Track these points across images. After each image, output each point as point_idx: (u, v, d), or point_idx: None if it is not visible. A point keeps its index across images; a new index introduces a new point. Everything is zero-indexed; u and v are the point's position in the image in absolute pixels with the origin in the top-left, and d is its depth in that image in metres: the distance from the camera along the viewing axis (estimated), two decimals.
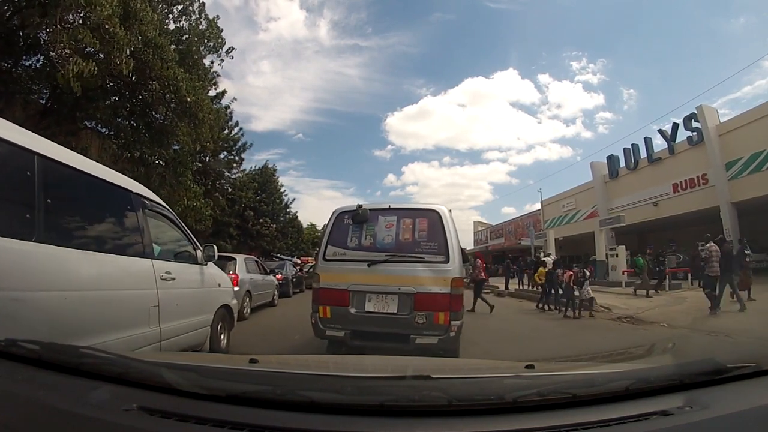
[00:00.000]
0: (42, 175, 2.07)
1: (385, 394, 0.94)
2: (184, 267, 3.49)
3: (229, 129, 19.76)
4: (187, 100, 9.03)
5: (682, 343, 4.69)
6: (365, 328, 3.78)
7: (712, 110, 16.42)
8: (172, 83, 8.70)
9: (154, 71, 8.47)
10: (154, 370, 1.08)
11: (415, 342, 3.63)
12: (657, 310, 8.65)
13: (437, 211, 3.97)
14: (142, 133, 9.79)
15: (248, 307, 8.02)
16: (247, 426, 0.82)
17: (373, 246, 3.96)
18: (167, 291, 3.00)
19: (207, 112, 9.79)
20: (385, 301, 3.80)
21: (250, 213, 24.32)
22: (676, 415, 0.87)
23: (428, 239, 3.87)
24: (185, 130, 9.65)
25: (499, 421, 0.86)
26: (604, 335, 6.57)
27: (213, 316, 3.91)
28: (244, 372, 1.24)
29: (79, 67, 6.33)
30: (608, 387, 0.97)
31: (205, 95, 10.30)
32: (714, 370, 1.02)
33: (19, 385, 0.99)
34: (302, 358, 2.81)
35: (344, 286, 3.88)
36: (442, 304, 3.67)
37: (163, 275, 2.99)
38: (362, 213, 4.03)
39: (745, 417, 0.89)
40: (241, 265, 8.15)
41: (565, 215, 26.45)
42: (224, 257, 7.91)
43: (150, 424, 0.85)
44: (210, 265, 3.99)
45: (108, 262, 2.50)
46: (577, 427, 0.83)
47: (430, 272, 3.75)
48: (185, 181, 10.77)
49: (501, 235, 36.84)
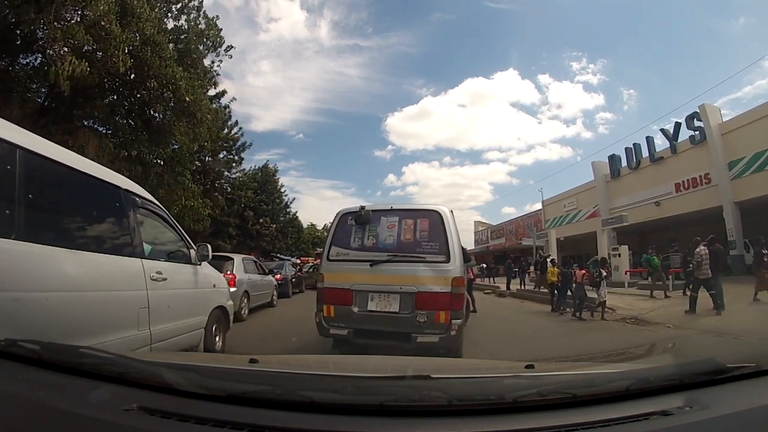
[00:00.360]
0: (24, 168, 2.00)
1: (385, 394, 0.94)
2: (176, 267, 3.40)
3: (228, 129, 19.77)
4: (185, 99, 8.99)
5: (682, 343, 4.68)
6: (368, 326, 3.87)
7: (714, 109, 16.46)
8: (170, 82, 8.66)
9: (153, 69, 8.43)
10: (154, 370, 1.09)
11: (417, 340, 3.69)
12: (662, 310, 8.56)
13: (438, 211, 4.04)
14: (140, 131, 9.76)
15: (246, 308, 7.95)
16: (247, 426, 0.83)
17: (375, 246, 4.05)
18: (158, 292, 2.91)
19: (205, 112, 9.76)
20: (387, 300, 3.87)
21: (250, 213, 24.32)
22: (676, 415, 0.88)
23: (429, 239, 3.94)
24: (183, 130, 9.61)
25: (499, 421, 0.86)
26: (620, 337, 6.35)
27: (207, 317, 3.82)
28: (244, 372, 1.25)
29: (72, 66, 6.28)
30: (608, 387, 0.98)
31: (203, 95, 10.27)
32: (714, 370, 1.03)
33: (19, 385, 1.00)
34: (302, 358, 2.81)
35: (347, 285, 3.97)
36: (443, 303, 3.73)
37: (154, 275, 2.90)
38: (365, 214, 4.12)
39: (745, 417, 0.89)
40: (238, 265, 8.11)
41: (566, 215, 26.54)
42: (221, 257, 7.85)
43: (150, 424, 0.86)
44: (204, 265, 3.91)
45: (94, 262, 2.41)
46: (577, 427, 0.84)
47: (431, 272, 3.81)
48: (183, 181, 10.74)
49: (502, 235, 36.94)
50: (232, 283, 7.03)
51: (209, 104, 10.66)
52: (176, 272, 3.34)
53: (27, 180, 2.02)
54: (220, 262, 7.31)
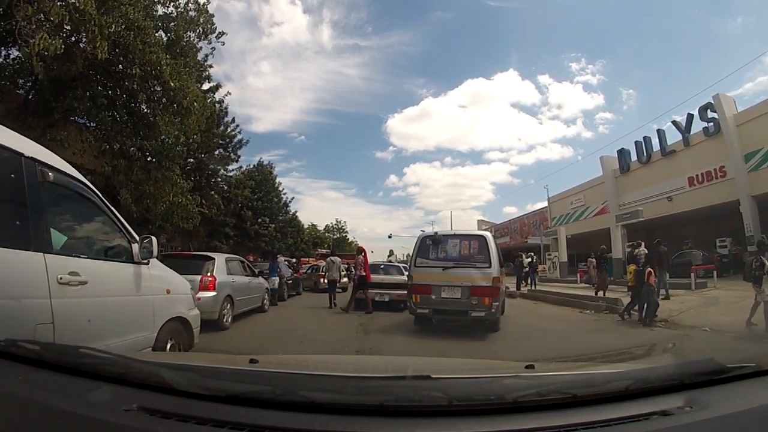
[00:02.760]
0: None
1: (385, 395, 0.98)
2: (106, 267, 2.79)
3: (225, 126, 19.70)
4: (170, 86, 8.80)
5: (682, 343, 4.65)
6: (441, 307, 6.48)
7: (729, 99, 16.32)
8: (155, 69, 8.46)
9: (136, 55, 8.25)
10: (154, 370, 1.13)
11: (471, 315, 6.20)
12: (692, 311, 8.12)
13: (483, 235, 6.90)
14: (125, 124, 9.60)
15: (229, 315, 7.27)
16: (247, 426, 0.86)
17: (445, 257, 6.63)
18: (71, 300, 2.27)
19: (192, 100, 9.54)
20: (453, 291, 6.39)
21: (248, 213, 24.29)
22: (676, 415, 0.91)
23: (478, 253, 6.49)
24: (168, 119, 9.42)
25: (499, 421, 0.90)
26: None
27: (157, 332, 3.14)
28: (244, 372, 1.29)
29: (44, 44, 6.04)
30: (608, 387, 1.02)
31: (191, 82, 10.04)
32: (714, 370, 1.06)
33: (19, 385, 1.03)
34: (302, 358, 2.84)
35: (428, 282, 6.54)
36: (487, 292, 6.18)
37: (65, 277, 2.25)
38: (438, 237, 6.83)
39: (745, 417, 0.93)
40: (220, 266, 7.41)
41: (573, 212, 26.41)
42: (200, 257, 7.51)
43: (150, 424, 0.89)
44: (155, 265, 3.26)
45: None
46: (577, 427, 0.87)
47: (479, 273, 6.31)
48: (171, 176, 10.54)
49: (506, 233, 37.13)
50: (211, 287, 6.70)
51: (197, 92, 10.33)
52: (105, 273, 2.74)
53: None
54: (199, 263, 7.04)
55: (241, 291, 7.92)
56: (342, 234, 59.04)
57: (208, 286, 6.70)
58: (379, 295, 9.82)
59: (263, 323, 8.20)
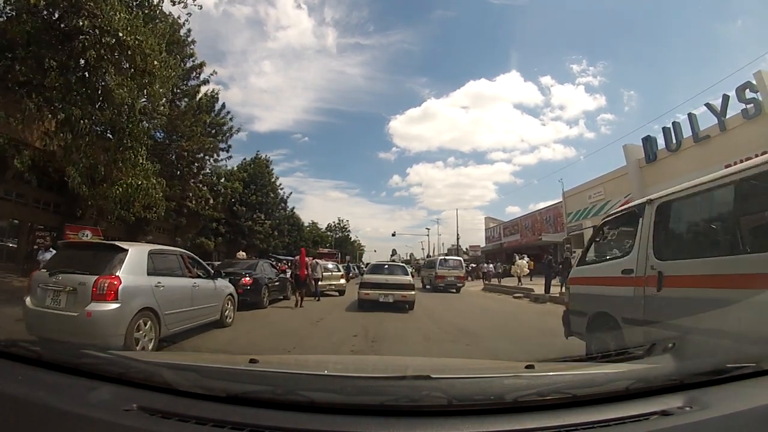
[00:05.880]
0: None
1: (386, 395, 1.03)
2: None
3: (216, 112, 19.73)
4: (125, 42, 7.85)
5: (682, 343, 4.61)
6: None
7: None
8: (105, 21, 7.64)
9: (82, 5, 7.57)
10: (154, 370, 1.18)
11: None
12: None
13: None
14: (75, 90, 8.52)
15: (153, 339, 5.02)
16: (247, 426, 0.91)
17: None
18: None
19: (153, 60, 8.42)
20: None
21: (241, 208, 24.31)
22: (676, 415, 0.96)
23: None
24: (121, 81, 8.24)
25: (499, 421, 0.95)
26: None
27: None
28: (244, 372, 1.35)
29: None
30: (608, 387, 1.07)
31: (152, 40, 8.64)
32: (714, 370, 1.12)
33: (19, 385, 1.08)
34: (302, 358, 2.90)
35: None
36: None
37: None
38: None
39: (745, 417, 0.97)
40: (136, 261, 5.07)
41: (592, 206, 25.26)
42: (107, 247, 5.35)
43: (150, 424, 0.93)
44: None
45: None
46: (577, 427, 0.92)
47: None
48: (131, 156, 9.20)
49: (516, 231, 36.96)
50: (110, 295, 4.51)
51: (160, 51, 9.05)
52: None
53: None
54: (102, 256, 4.94)
55: (174, 301, 5.60)
56: (344, 233, 59.66)
57: (104, 293, 4.49)
58: (383, 296, 9.87)
59: (215, 343, 6.03)
